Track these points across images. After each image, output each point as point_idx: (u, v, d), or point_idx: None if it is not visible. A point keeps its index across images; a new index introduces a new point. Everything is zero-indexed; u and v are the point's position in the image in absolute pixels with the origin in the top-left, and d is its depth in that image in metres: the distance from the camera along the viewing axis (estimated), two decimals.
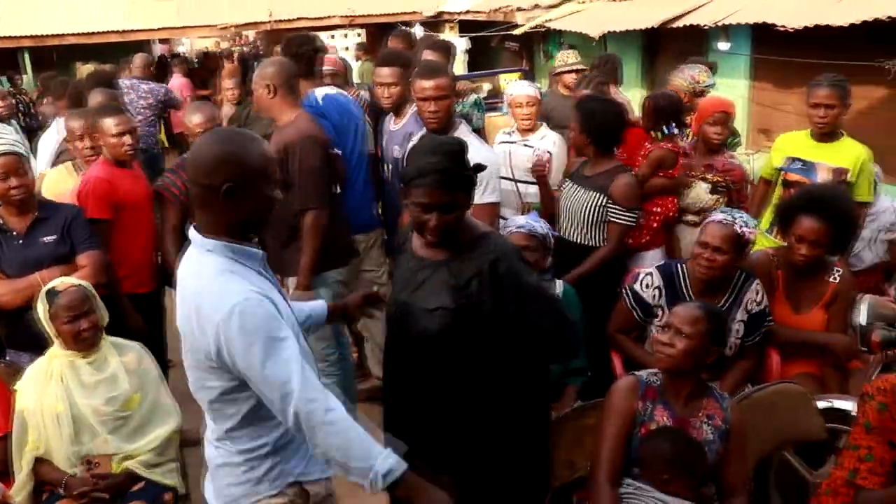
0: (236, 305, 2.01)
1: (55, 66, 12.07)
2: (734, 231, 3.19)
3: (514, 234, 3.33)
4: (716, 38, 6.73)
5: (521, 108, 4.95)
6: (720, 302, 3.28)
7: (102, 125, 3.85)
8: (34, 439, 3.01)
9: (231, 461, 2.25)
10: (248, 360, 2.02)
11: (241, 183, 2.04)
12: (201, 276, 2.12)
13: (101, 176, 3.80)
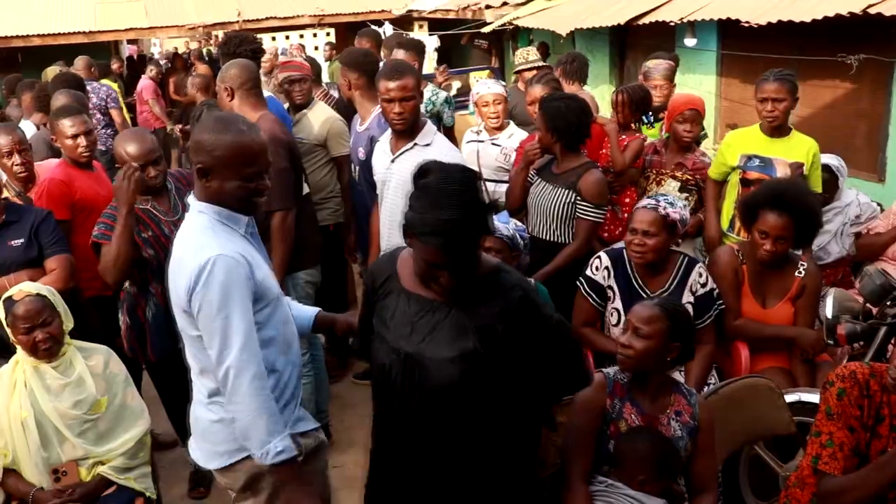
0: (212, 259, 2.22)
1: (20, 68, 11.90)
2: (659, 214, 3.27)
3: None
4: (683, 34, 6.78)
5: (487, 107, 4.97)
6: (664, 284, 3.37)
7: (59, 126, 3.86)
8: (1, 447, 2.97)
9: (225, 418, 2.34)
10: (205, 309, 2.22)
11: (210, 167, 2.27)
12: (189, 229, 2.36)
13: (58, 177, 3.80)
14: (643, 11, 6.54)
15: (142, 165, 3.31)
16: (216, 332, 2.23)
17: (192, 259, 2.25)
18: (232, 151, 2.26)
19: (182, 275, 2.27)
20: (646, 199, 3.42)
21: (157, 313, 3.43)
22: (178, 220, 3.22)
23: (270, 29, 12.70)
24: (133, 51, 19.97)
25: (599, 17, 7.25)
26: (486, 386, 2.18)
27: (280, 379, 2.42)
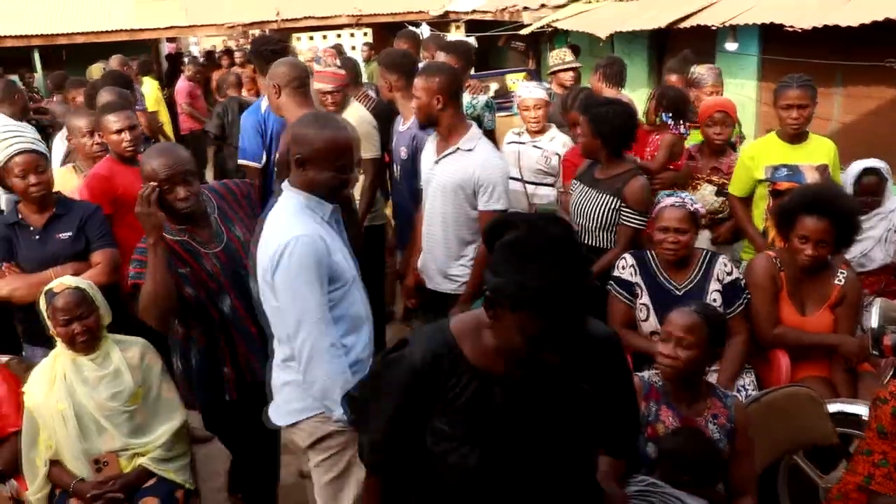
0: (296, 237, 2.46)
1: (65, 65, 12.12)
2: (689, 210, 3.38)
3: None
4: (724, 38, 6.71)
5: (528, 112, 4.98)
6: (690, 277, 3.44)
7: (104, 122, 3.93)
8: (46, 439, 3.03)
9: (295, 379, 2.61)
10: (285, 283, 2.46)
11: (308, 158, 2.55)
12: (278, 210, 2.61)
13: (101, 172, 3.88)
14: (684, 15, 6.48)
15: (168, 185, 2.88)
16: (294, 304, 2.47)
17: (276, 238, 2.50)
18: (328, 145, 2.56)
19: (266, 251, 2.52)
20: (668, 197, 3.47)
21: (200, 361, 3.07)
22: (223, 250, 3.02)
23: (308, 28, 12.79)
24: (171, 48, 20.23)
25: (639, 20, 7.19)
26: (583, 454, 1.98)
27: (349, 355, 2.62)
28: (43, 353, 3.38)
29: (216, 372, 3.05)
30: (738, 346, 3.36)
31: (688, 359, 2.62)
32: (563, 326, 1.67)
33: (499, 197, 3.61)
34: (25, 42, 12.13)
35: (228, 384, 3.07)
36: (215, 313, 3.01)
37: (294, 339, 2.50)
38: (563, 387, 1.84)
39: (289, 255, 2.45)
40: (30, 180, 3.36)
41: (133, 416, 3.10)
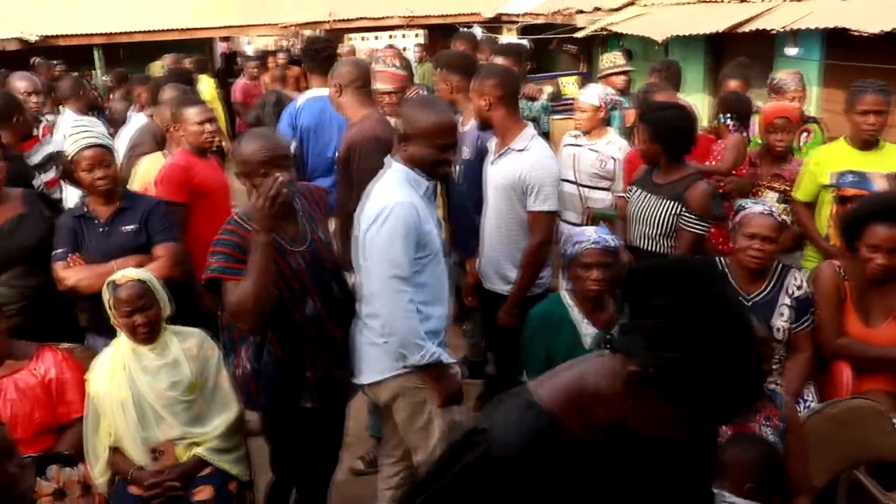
0: (396, 202, 2.77)
1: (123, 63, 12.39)
2: (777, 220, 3.29)
3: (589, 251, 3.25)
4: (784, 43, 6.58)
5: (580, 113, 4.98)
6: (762, 288, 3.34)
7: (185, 114, 4.03)
8: (107, 426, 3.09)
9: (374, 340, 2.91)
10: (377, 243, 2.76)
11: (411, 135, 2.85)
12: (385, 179, 2.91)
13: (177, 162, 3.98)
14: (743, 19, 6.38)
15: (265, 170, 2.76)
16: (381, 262, 2.76)
17: (378, 202, 2.81)
18: (431, 125, 2.85)
19: (367, 213, 2.83)
20: (752, 204, 3.37)
21: (276, 364, 2.96)
22: (307, 249, 2.94)
23: (361, 29, 12.91)
24: (225, 48, 20.54)
25: (697, 24, 7.10)
26: None
27: (425, 323, 2.87)
28: (104, 342, 3.44)
29: (294, 377, 2.97)
30: (803, 363, 3.30)
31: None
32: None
33: (546, 198, 3.62)
34: (87, 41, 12.40)
35: (308, 390, 2.98)
36: (297, 315, 2.92)
37: (377, 295, 2.80)
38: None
39: (385, 217, 2.75)
40: (96, 174, 3.43)
41: (191, 406, 3.13)
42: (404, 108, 3.07)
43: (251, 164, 2.78)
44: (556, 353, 3.41)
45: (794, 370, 3.28)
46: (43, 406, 3.09)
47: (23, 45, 11.52)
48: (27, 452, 2.67)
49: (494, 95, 3.65)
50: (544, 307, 3.48)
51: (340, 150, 3.93)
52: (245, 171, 2.81)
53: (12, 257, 3.47)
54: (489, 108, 3.70)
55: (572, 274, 3.33)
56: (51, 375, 3.13)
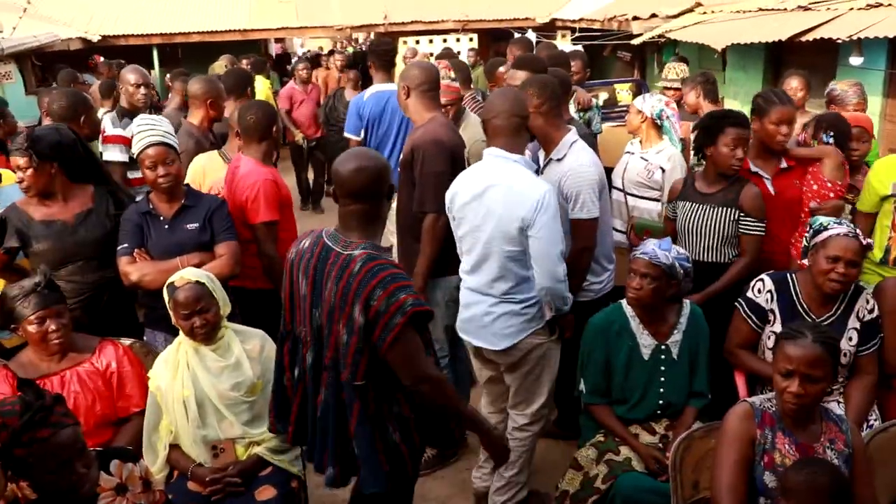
0: (548, 189, 3.24)
1: (180, 63, 12.63)
2: (861, 243, 3.15)
3: (636, 260, 3.33)
4: (848, 52, 6.43)
5: (629, 115, 5.03)
6: (832, 310, 3.24)
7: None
8: (167, 424, 3.13)
9: (513, 309, 3.40)
10: (547, 222, 3.20)
11: (526, 120, 3.36)
12: (510, 173, 3.30)
13: (268, 177, 3.84)
14: (807, 28, 6.23)
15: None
16: (552, 242, 3.23)
17: (531, 193, 3.21)
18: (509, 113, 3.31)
19: (521, 204, 3.21)
20: (836, 225, 3.20)
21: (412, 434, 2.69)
22: None
23: (415, 32, 12.95)
24: (278, 49, 20.83)
25: (758, 32, 6.96)
26: None
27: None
28: (164, 338, 3.54)
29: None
30: (868, 389, 3.23)
31: (816, 393, 2.52)
32: None
33: (583, 205, 3.61)
34: (146, 40, 12.67)
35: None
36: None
37: (545, 267, 3.25)
38: None
39: (546, 203, 3.19)
40: (159, 171, 3.49)
41: (252, 406, 3.16)
42: (488, 103, 3.51)
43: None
44: (614, 362, 3.40)
45: (859, 396, 3.20)
46: (104, 399, 3.15)
47: (85, 45, 11.83)
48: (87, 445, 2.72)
49: (532, 105, 3.61)
50: (604, 316, 3.49)
51: (404, 152, 3.95)
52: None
53: (72, 253, 3.54)
54: (531, 119, 3.60)
55: (627, 280, 3.42)
56: (112, 369, 3.19)
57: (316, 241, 2.63)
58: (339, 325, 2.48)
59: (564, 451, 4.22)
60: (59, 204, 3.59)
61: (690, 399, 3.44)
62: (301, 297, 2.64)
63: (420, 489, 4.04)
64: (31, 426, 2.15)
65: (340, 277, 2.47)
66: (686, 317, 3.45)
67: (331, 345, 2.53)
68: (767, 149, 3.98)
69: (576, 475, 3.30)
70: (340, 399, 2.55)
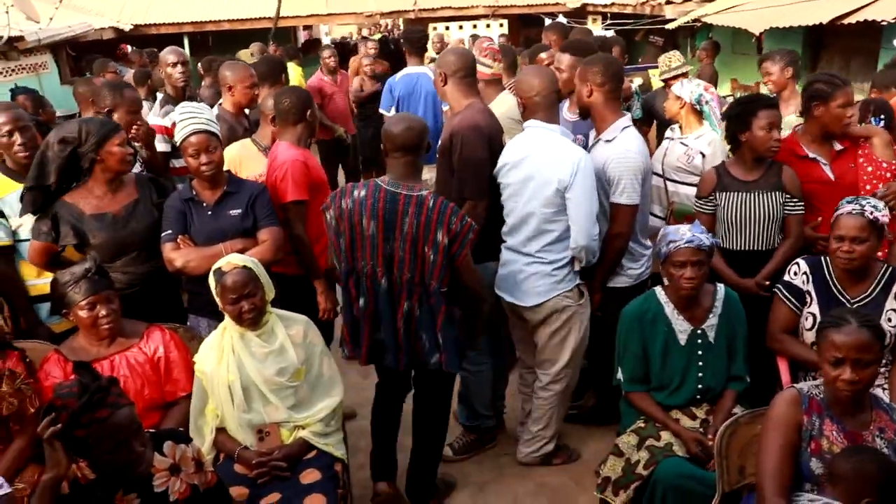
0: (584, 155, 3.57)
1: (211, 50, 12.70)
2: (867, 219, 3.14)
3: (682, 250, 3.30)
4: (892, 34, 6.32)
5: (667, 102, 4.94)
6: (867, 291, 3.25)
7: (313, 108, 3.99)
8: (213, 408, 3.17)
9: (543, 270, 3.67)
10: (584, 185, 3.50)
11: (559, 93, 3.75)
12: (549, 141, 3.62)
13: (298, 158, 3.85)
14: (849, 10, 6.13)
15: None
16: (589, 202, 3.54)
17: (567, 158, 3.52)
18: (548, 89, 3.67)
19: (561, 168, 3.51)
20: (848, 204, 3.24)
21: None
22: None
23: (444, 18, 12.91)
24: (306, 36, 20.85)
25: (797, 15, 6.86)
26: None
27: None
28: (207, 323, 3.56)
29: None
30: None
31: (868, 378, 2.49)
32: None
33: (623, 191, 3.66)
34: (177, 29, 12.76)
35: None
36: None
37: (582, 226, 3.54)
38: None
39: (583, 167, 3.49)
40: (201, 159, 3.50)
41: (296, 391, 3.19)
42: (519, 78, 3.84)
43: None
44: (651, 349, 3.40)
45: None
46: (152, 383, 3.19)
47: (117, 34, 11.93)
48: None
49: (595, 83, 3.72)
50: (639, 304, 3.49)
51: (442, 139, 3.95)
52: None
53: (128, 244, 3.56)
54: (590, 95, 3.77)
55: (666, 272, 3.40)
56: (159, 354, 3.23)
57: (376, 189, 3.26)
58: (424, 248, 3.21)
59: (603, 437, 4.24)
60: (108, 196, 3.60)
61: (729, 383, 3.43)
62: (368, 236, 3.26)
63: (459, 474, 4.10)
64: (90, 407, 2.20)
65: (420, 213, 3.19)
66: (721, 301, 3.44)
67: (417, 266, 3.24)
68: (826, 133, 3.90)
69: (617, 461, 3.31)
70: (429, 305, 3.29)
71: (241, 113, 4.91)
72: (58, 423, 2.22)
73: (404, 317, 3.32)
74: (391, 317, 3.34)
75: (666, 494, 3.07)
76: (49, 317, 3.78)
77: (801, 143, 3.93)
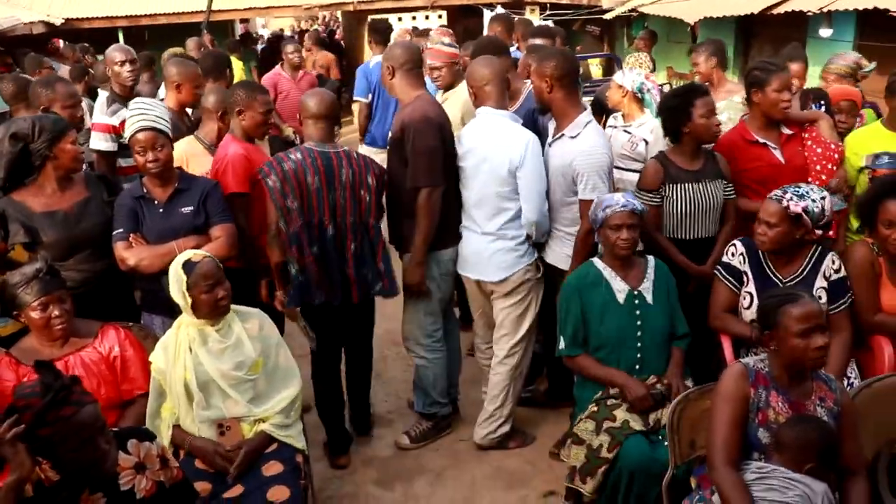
0: (532, 138, 3.78)
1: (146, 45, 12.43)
2: (782, 207, 3.30)
3: (619, 213, 3.44)
4: (817, 24, 6.57)
5: (610, 91, 5.08)
6: (797, 269, 3.43)
7: (254, 100, 3.94)
8: (170, 406, 3.17)
9: (506, 245, 3.88)
10: (536, 167, 3.77)
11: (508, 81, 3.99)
12: (501, 126, 3.83)
13: (240, 151, 3.86)
14: (777, 1, 6.35)
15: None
16: (539, 182, 3.79)
17: (517, 141, 3.76)
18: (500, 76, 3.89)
19: (510, 151, 3.74)
20: (776, 190, 3.41)
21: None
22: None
23: (383, 10, 12.88)
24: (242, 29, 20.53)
25: (731, 5, 7.08)
26: None
27: None
28: (161, 321, 3.55)
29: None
30: (844, 344, 3.36)
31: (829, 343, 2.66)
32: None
33: (593, 187, 3.70)
34: (111, 23, 12.45)
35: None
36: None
37: (534, 205, 3.77)
38: None
39: (532, 149, 3.74)
40: (148, 157, 3.47)
41: (255, 384, 3.19)
42: (471, 69, 3.96)
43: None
44: (590, 310, 3.52)
45: (836, 352, 3.29)
46: (108, 383, 3.16)
47: (48, 28, 11.59)
48: None
49: (554, 77, 3.75)
50: (578, 272, 3.65)
51: (393, 130, 3.99)
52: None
53: (81, 241, 3.51)
54: (550, 91, 3.80)
55: (603, 235, 3.55)
56: (115, 353, 3.20)
57: (309, 152, 3.77)
58: (361, 191, 3.80)
59: (557, 420, 4.35)
60: (58, 194, 3.54)
61: (674, 342, 3.58)
62: (314, 190, 3.71)
63: (416, 461, 4.17)
64: (54, 405, 2.19)
65: (350, 164, 3.81)
66: (652, 268, 3.61)
67: (360, 209, 3.81)
68: (769, 119, 4.01)
69: (579, 449, 3.36)
70: (370, 242, 3.86)
71: (183, 111, 4.86)
72: (20, 423, 2.20)
73: (353, 255, 3.81)
74: (339, 257, 3.79)
75: (633, 476, 3.18)
76: None
77: (750, 129, 4.05)
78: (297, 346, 4.05)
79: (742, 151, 4.01)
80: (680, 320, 3.60)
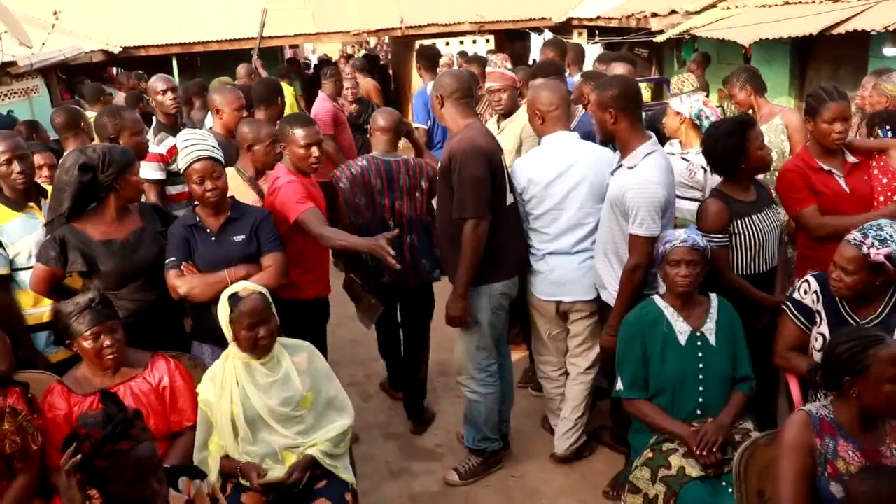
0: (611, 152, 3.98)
1: (199, 71, 12.67)
2: (861, 253, 2.98)
3: (679, 248, 3.33)
4: (880, 43, 6.37)
5: (667, 118, 4.91)
6: (876, 310, 3.10)
7: (292, 135, 3.91)
8: (217, 440, 3.12)
9: (592, 264, 3.93)
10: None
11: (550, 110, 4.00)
12: (582, 146, 4.01)
13: (290, 179, 3.83)
14: (837, 21, 6.18)
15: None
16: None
17: (607, 152, 4.00)
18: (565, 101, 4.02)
19: (607, 161, 3.90)
20: (856, 231, 3.08)
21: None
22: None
23: (431, 35, 12.93)
24: (291, 53, 20.88)
25: (786, 26, 6.91)
26: None
27: None
28: (211, 351, 3.53)
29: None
30: None
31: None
32: None
33: (641, 222, 3.49)
34: (165, 50, 12.74)
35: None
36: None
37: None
38: None
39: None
40: (206, 185, 3.47)
41: (302, 419, 3.15)
42: (533, 93, 4.10)
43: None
44: (651, 351, 3.39)
45: None
46: (157, 413, 3.14)
47: (107, 57, 11.90)
48: None
49: (619, 107, 3.56)
50: (638, 310, 3.50)
51: (442, 160, 3.94)
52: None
53: (135, 271, 3.51)
54: (615, 122, 3.60)
55: (663, 271, 3.43)
56: (164, 383, 3.18)
57: (373, 160, 4.46)
58: (416, 193, 4.46)
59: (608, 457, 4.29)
60: (115, 223, 3.55)
61: (736, 385, 3.41)
62: (377, 190, 4.38)
63: (465, 498, 4.07)
64: (113, 438, 2.15)
65: (408, 171, 4.46)
66: (716, 307, 3.44)
67: (415, 207, 4.46)
68: (825, 147, 3.84)
69: (636, 498, 3.22)
70: (426, 234, 4.50)
71: (231, 135, 4.89)
72: (79, 453, 2.17)
73: (409, 246, 4.40)
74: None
75: None
76: (45, 346, 3.75)
77: (813, 155, 3.89)
78: (345, 376, 3.99)
79: (810, 178, 3.85)
80: (743, 363, 3.42)
